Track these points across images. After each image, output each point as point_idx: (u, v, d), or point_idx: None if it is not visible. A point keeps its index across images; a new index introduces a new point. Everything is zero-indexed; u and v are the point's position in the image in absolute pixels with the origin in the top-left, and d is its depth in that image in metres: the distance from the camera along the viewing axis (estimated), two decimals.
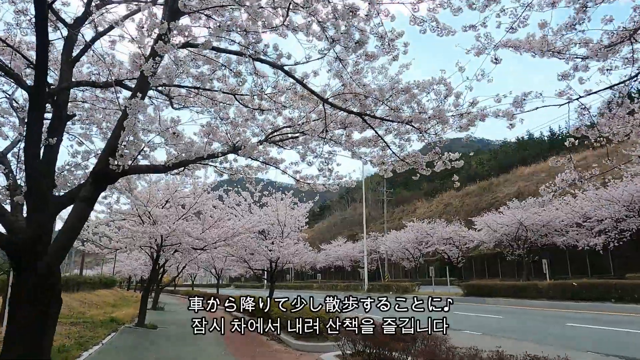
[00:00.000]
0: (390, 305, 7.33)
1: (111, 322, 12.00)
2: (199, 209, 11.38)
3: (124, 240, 11.26)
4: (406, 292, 27.15)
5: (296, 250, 13.54)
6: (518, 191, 49.31)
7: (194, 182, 10.84)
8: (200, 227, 11.15)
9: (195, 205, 10.79)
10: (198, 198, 10.77)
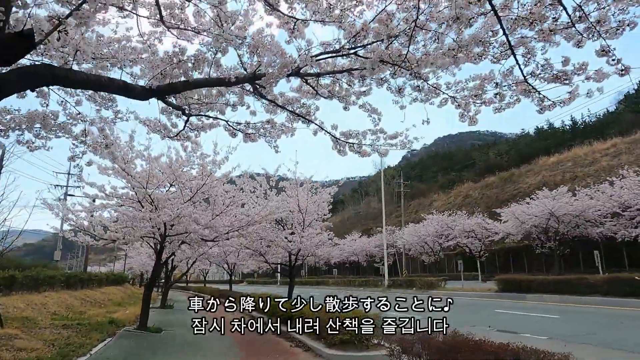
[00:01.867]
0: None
1: (110, 325, 10.45)
2: (208, 193, 9.70)
3: (122, 230, 9.65)
4: (432, 287, 25.29)
5: (319, 241, 11.83)
6: (543, 181, 46.86)
7: (202, 161, 9.15)
8: (210, 214, 9.47)
9: (203, 187, 9.11)
10: (206, 179, 9.08)
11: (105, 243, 9.90)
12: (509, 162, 67.23)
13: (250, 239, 12.99)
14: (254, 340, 9.36)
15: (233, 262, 26.86)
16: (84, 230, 9.40)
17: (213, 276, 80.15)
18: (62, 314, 12.19)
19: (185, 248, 13.89)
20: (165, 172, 9.18)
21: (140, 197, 9.23)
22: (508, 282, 19.54)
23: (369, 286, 33.25)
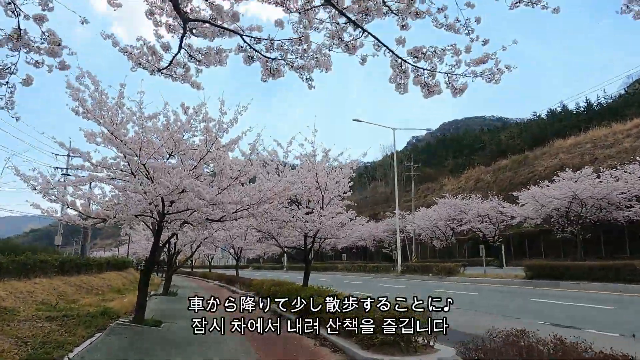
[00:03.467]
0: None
1: (102, 316, 9.05)
2: (214, 163, 8.15)
3: (113, 207, 8.16)
4: (450, 274, 23.89)
5: (341, 221, 10.32)
6: (560, 164, 44.99)
7: (206, 123, 7.58)
8: (216, 188, 7.95)
9: (207, 155, 7.56)
10: (211, 146, 7.53)
11: (95, 222, 8.44)
12: (521, 145, 65.24)
13: (261, 219, 11.50)
14: (270, 337, 7.92)
15: (240, 246, 25.52)
16: (68, 207, 7.92)
17: (218, 261, 79.47)
18: (50, 303, 10.85)
19: (188, 230, 12.45)
20: (162, 137, 7.64)
21: (134, 167, 7.71)
22: (538, 268, 18.04)
23: (381, 272, 31.94)
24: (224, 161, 7.48)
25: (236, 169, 8.11)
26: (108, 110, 7.32)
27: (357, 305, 6.99)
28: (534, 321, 9.10)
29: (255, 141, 7.74)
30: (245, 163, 7.78)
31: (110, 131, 7.16)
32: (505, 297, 14.25)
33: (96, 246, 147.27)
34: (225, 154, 7.54)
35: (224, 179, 7.71)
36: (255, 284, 17.02)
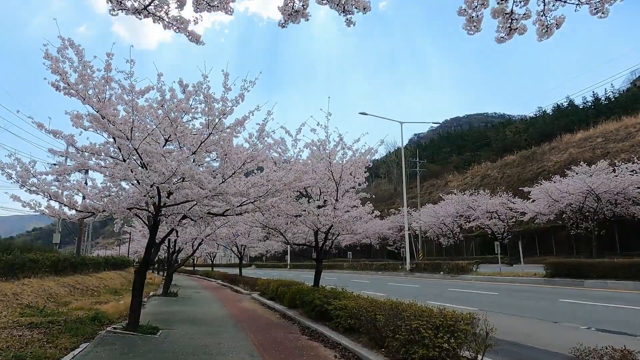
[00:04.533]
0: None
1: (92, 322, 8.09)
2: (216, 148, 7.15)
3: (102, 198, 7.17)
4: (462, 272, 22.87)
5: (357, 215, 9.31)
6: (570, 158, 43.93)
7: (208, 102, 6.54)
8: (219, 177, 6.95)
9: (209, 139, 6.54)
10: (213, 128, 6.52)
11: (82, 217, 7.45)
12: (528, 141, 64.16)
13: (268, 214, 10.52)
14: (281, 344, 6.95)
15: (243, 244, 24.58)
16: (51, 198, 6.93)
17: (220, 260, 78.68)
18: (37, 307, 9.88)
19: (188, 224, 11.46)
20: (156, 117, 6.62)
21: (125, 153, 6.71)
22: (559, 266, 17.01)
23: (388, 270, 30.94)
24: (228, 143, 6.46)
25: (243, 154, 7.09)
26: (94, 86, 6.32)
27: (385, 310, 5.99)
28: (576, 325, 8.11)
29: (265, 121, 6.70)
30: (253, 146, 6.75)
31: (97, 109, 6.16)
32: (530, 297, 13.23)
33: (98, 245, 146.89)
34: (229, 137, 6.53)
35: (229, 165, 6.70)
36: (260, 284, 16.06)
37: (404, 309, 5.66)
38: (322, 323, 8.41)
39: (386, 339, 5.55)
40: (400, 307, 5.83)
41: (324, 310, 8.40)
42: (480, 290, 15.79)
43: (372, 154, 9.49)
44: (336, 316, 7.62)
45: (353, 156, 9.72)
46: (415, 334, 4.89)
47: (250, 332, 8.11)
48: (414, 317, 5.18)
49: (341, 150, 9.16)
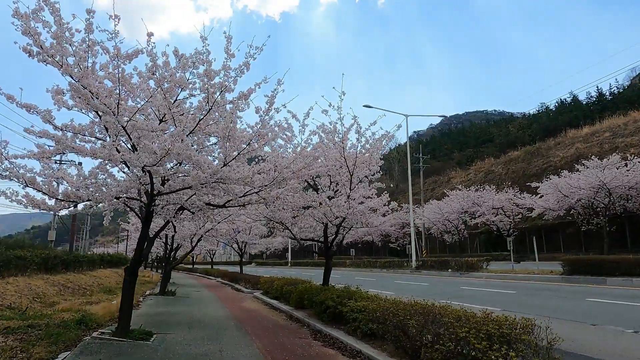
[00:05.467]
0: None
1: (77, 326, 7.18)
2: (216, 128, 6.22)
3: (85, 186, 6.24)
4: (472, 269, 22.00)
5: (372, 206, 8.40)
6: (577, 153, 43.06)
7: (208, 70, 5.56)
8: (222, 160, 6.02)
9: (208, 115, 5.60)
10: (213, 103, 5.59)
11: (62, 207, 6.53)
12: (532, 136, 63.32)
13: (274, 206, 9.60)
14: (292, 351, 6.05)
15: (243, 240, 23.68)
16: (27, 185, 6.00)
17: (220, 257, 77.84)
18: (20, 308, 8.97)
19: (186, 218, 10.57)
20: (147, 89, 5.67)
21: (112, 132, 5.78)
22: (577, 263, 16.14)
23: (393, 267, 30.06)
24: (231, 119, 5.53)
25: (246, 135, 6.16)
26: (74, 52, 5.38)
27: (417, 314, 5.09)
28: (620, 329, 7.23)
29: (275, 91, 5.71)
30: (261, 122, 5.80)
31: (77, 79, 5.24)
32: (552, 296, 12.35)
33: (97, 243, 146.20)
34: (232, 112, 5.58)
35: (231, 145, 5.77)
36: (263, 282, 15.16)
37: (440, 312, 4.76)
38: (335, 326, 7.52)
39: (421, 349, 4.65)
40: (435, 310, 4.93)
41: (337, 312, 7.50)
42: (496, 288, 14.92)
43: (389, 139, 8.59)
44: (353, 319, 6.72)
45: (366, 143, 8.77)
46: (462, 345, 3.99)
47: (255, 337, 7.22)
48: (457, 322, 4.28)
49: (356, 134, 8.22)
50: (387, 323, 5.55)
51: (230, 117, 5.55)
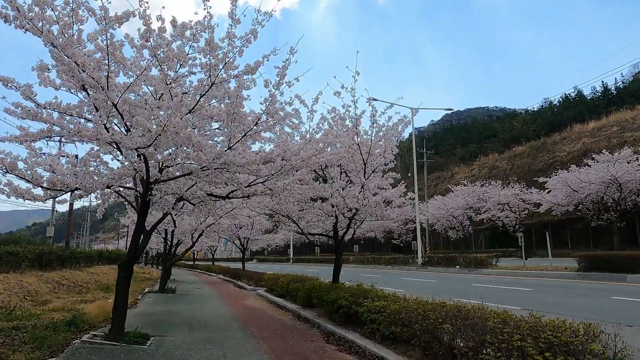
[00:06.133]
0: None
1: (67, 327, 6.55)
2: (219, 116, 5.55)
3: (72, 173, 5.59)
4: (480, 266, 21.36)
5: (386, 198, 7.72)
6: (584, 148, 42.35)
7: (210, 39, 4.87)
8: (226, 142, 5.34)
9: (211, 90, 4.93)
10: (215, 77, 4.92)
11: (48, 196, 5.87)
12: (536, 132, 62.58)
13: (279, 198, 8.96)
14: (304, 357, 5.40)
15: (246, 236, 23.05)
16: (7, 171, 5.35)
17: (221, 254, 77.27)
18: (8, 307, 8.33)
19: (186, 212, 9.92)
20: (140, 63, 5.00)
21: (103, 113, 5.11)
22: (593, 259, 15.50)
23: (398, 264, 29.45)
24: (237, 94, 4.84)
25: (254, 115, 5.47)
26: (58, 19, 4.71)
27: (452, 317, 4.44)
28: None
29: (287, 62, 4.99)
30: (270, 97, 5.08)
31: (60, 48, 4.57)
32: (573, 294, 11.71)
33: (98, 240, 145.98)
34: (238, 89, 4.89)
35: (237, 125, 5.09)
36: (267, 279, 14.52)
37: (481, 315, 4.10)
38: (349, 328, 6.88)
39: (458, 359, 4.00)
40: (474, 313, 4.28)
41: (352, 312, 6.86)
42: (509, 285, 14.27)
43: (406, 125, 7.89)
44: (371, 321, 6.07)
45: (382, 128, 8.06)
46: (516, 356, 3.33)
47: (262, 340, 6.57)
48: (505, 328, 3.62)
49: (370, 118, 7.52)
50: (413, 326, 4.90)
51: (237, 92, 4.87)
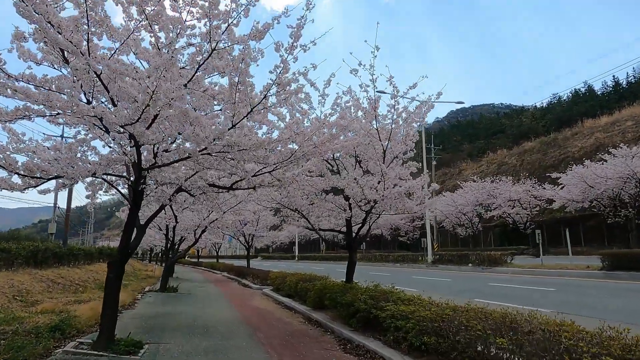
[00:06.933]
0: None
1: (51, 333, 5.82)
2: (222, 96, 4.77)
3: (51, 158, 4.84)
4: (495, 264, 20.50)
5: (407, 189, 6.91)
6: (597, 143, 41.23)
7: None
8: (229, 119, 4.55)
9: (211, 57, 4.14)
10: (216, 43, 4.13)
11: (27, 184, 5.13)
12: (546, 127, 61.33)
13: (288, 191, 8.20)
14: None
15: (251, 233, 22.33)
16: None
17: (225, 251, 76.80)
18: None
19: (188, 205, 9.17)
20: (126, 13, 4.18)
21: (85, 83, 4.34)
22: (622, 258, 14.62)
23: (407, 262, 28.64)
24: (243, 58, 4.04)
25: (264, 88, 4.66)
26: None
27: (499, 325, 3.64)
28: None
29: (302, 20, 4.15)
30: (282, 63, 4.26)
31: (29, 3, 3.79)
32: (603, 295, 10.88)
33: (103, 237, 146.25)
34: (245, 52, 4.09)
35: (243, 97, 4.28)
36: (273, 278, 13.77)
37: (553, 327, 3.30)
38: (368, 334, 6.10)
39: None
40: (547, 326, 3.47)
41: (372, 317, 6.07)
42: (529, 285, 13.44)
43: (429, 108, 7.05)
44: (396, 328, 5.28)
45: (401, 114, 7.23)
46: None
47: (272, 349, 5.81)
48: (584, 345, 2.81)
49: (392, 99, 6.69)
50: (453, 338, 4.10)
51: (242, 56, 4.07)
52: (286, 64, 4.25)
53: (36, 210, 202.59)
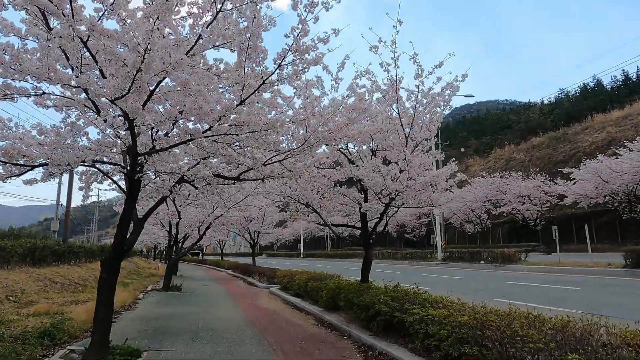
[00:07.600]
0: None
1: (40, 340, 5.24)
2: (228, 76, 4.14)
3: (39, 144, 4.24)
4: (508, 261, 19.80)
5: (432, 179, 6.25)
6: (609, 137, 40.34)
7: None
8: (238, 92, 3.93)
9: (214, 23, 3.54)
10: (221, 4, 3.52)
11: (9, 173, 4.54)
12: (554, 122, 60.32)
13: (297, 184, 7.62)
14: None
15: (256, 230, 21.74)
16: None
17: (230, 248, 76.39)
18: None
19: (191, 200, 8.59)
20: None
21: (74, 58, 3.72)
22: None
23: (416, 259, 27.98)
24: (254, 17, 3.42)
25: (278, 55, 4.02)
26: None
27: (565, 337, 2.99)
28: None
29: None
30: (302, 23, 3.63)
31: None
32: (631, 293, 10.20)
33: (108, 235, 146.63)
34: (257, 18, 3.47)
35: (251, 72, 3.66)
36: (281, 276, 13.17)
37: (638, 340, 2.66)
38: (391, 340, 5.49)
39: None
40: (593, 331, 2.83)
41: (396, 321, 5.44)
42: (550, 284, 12.75)
43: (455, 90, 6.40)
44: (426, 334, 4.65)
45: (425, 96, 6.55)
46: None
47: (283, 355, 5.21)
48: None
49: (415, 80, 6.01)
50: (500, 349, 3.47)
51: (253, 14, 3.45)
52: (305, 25, 3.62)
53: (42, 209, 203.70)
